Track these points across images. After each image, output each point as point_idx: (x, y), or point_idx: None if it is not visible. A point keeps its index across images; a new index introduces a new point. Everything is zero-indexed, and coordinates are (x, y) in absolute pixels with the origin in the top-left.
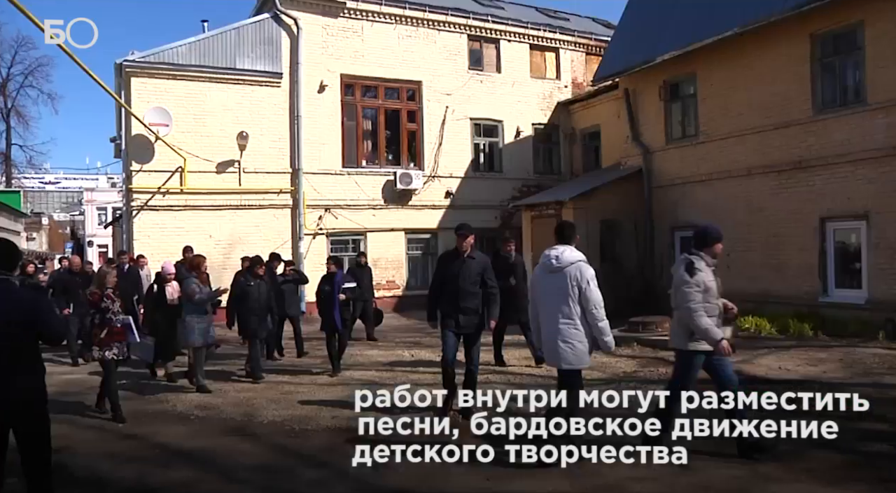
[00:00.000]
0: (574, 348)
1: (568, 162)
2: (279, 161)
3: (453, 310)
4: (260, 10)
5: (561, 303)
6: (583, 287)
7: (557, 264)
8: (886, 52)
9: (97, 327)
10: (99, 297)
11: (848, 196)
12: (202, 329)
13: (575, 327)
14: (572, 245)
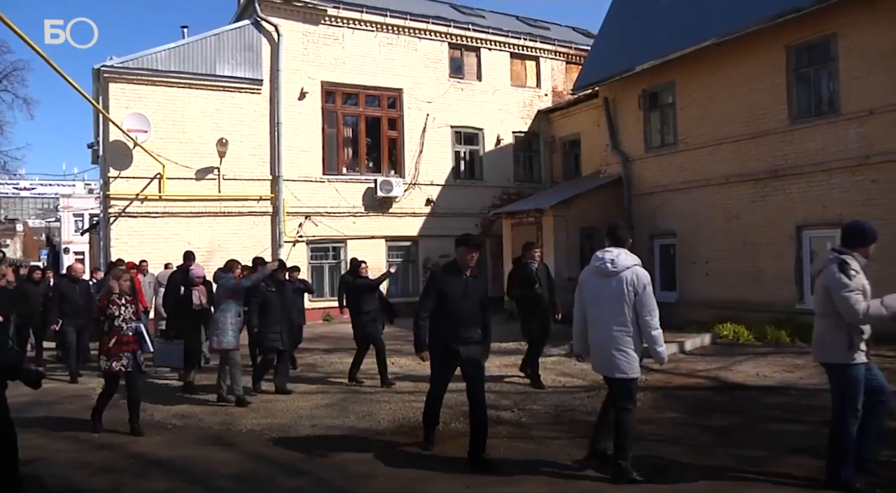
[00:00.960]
0: (628, 357)
1: (548, 170)
2: (259, 168)
3: (453, 339)
4: (240, 16)
5: (616, 309)
6: (639, 292)
7: (613, 267)
8: (859, 64)
9: (105, 336)
10: (106, 302)
11: (823, 204)
12: (237, 330)
13: (629, 335)
14: (626, 248)
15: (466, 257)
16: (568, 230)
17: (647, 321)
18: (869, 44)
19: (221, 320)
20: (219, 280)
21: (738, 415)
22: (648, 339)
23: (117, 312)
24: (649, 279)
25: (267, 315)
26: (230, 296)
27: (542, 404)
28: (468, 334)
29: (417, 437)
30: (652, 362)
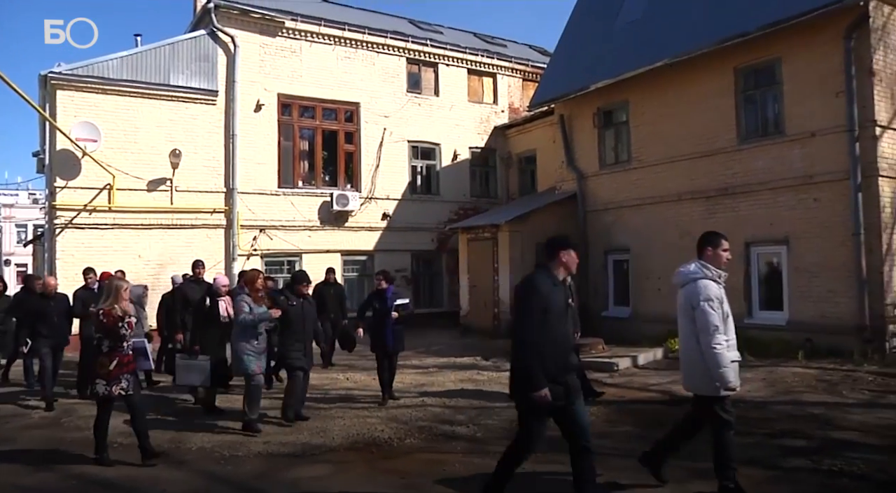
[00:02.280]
0: (701, 373)
1: (504, 186)
2: (213, 180)
3: (562, 370)
4: (196, 26)
5: (686, 323)
6: (695, 306)
7: (676, 280)
8: (801, 87)
9: (104, 357)
10: (115, 318)
11: (770, 222)
12: (258, 353)
13: (697, 349)
14: (705, 258)
15: (574, 262)
16: (523, 246)
17: (700, 338)
18: (810, 69)
19: (238, 347)
20: (235, 295)
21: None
22: (707, 359)
23: (127, 333)
24: (708, 294)
25: (288, 332)
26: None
27: (497, 419)
28: (572, 361)
29: (372, 453)
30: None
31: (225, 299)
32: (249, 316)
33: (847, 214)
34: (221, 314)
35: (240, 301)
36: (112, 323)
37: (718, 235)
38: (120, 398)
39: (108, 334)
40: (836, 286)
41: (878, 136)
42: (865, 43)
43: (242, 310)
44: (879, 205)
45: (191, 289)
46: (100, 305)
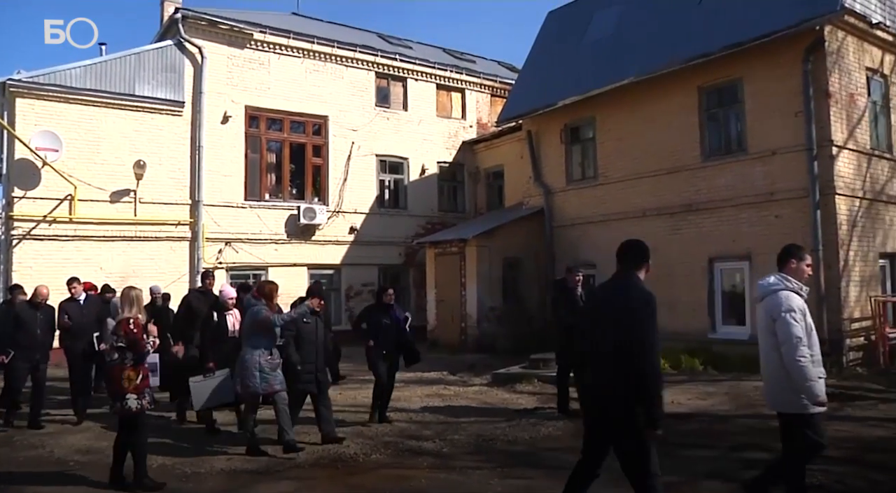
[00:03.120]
0: (786, 389)
1: (472, 200)
2: (178, 192)
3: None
4: (163, 36)
5: (767, 337)
6: (776, 318)
7: (757, 293)
8: (762, 107)
9: (130, 370)
10: (141, 329)
11: (733, 238)
12: (271, 370)
13: (781, 364)
14: (786, 271)
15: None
16: (491, 260)
17: (782, 351)
18: (770, 89)
19: (248, 359)
20: (249, 306)
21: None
22: (791, 372)
23: (151, 347)
24: (791, 305)
25: (299, 352)
26: (260, 330)
27: (463, 434)
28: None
29: (337, 469)
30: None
31: (232, 312)
32: (287, 315)
33: (806, 231)
34: (230, 329)
35: (263, 310)
36: (140, 334)
37: (802, 248)
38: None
39: (133, 346)
40: None
41: (834, 155)
42: (822, 66)
43: (269, 315)
44: (836, 222)
45: (197, 300)
46: (122, 315)
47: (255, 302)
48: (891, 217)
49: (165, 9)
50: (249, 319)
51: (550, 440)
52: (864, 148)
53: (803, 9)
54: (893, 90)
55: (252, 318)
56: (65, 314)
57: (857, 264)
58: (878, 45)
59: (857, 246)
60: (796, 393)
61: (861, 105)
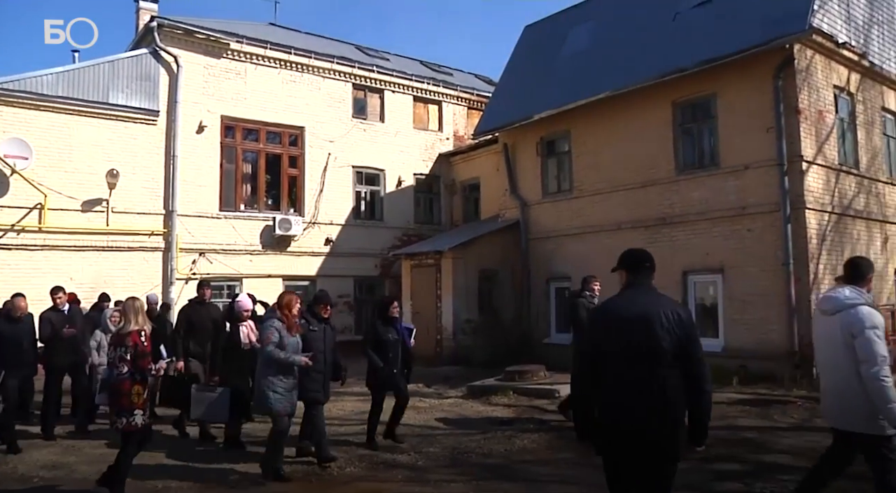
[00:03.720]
0: (861, 408)
1: (448, 212)
2: (152, 202)
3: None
4: (138, 44)
5: (843, 353)
6: (856, 335)
7: (828, 306)
8: (735, 122)
9: (138, 385)
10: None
11: (706, 251)
12: (288, 390)
13: (858, 382)
14: (861, 285)
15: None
16: (467, 273)
17: (863, 373)
18: (743, 105)
19: (262, 383)
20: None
21: None
22: (871, 393)
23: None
24: (873, 322)
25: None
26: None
27: (438, 447)
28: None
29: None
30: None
31: (247, 324)
32: (281, 354)
33: (778, 245)
34: (243, 341)
35: (268, 328)
36: (150, 347)
37: (870, 261)
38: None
39: (141, 359)
40: (768, 314)
41: (804, 170)
42: (792, 83)
43: (271, 340)
44: (807, 236)
45: (195, 312)
46: (128, 328)
47: (269, 315)
48: (857, 231)
49: (141, 17)
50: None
51: (525, 453)
52: (832, 164)
53: (774, 27)
54: (859, 108)
55: (262, 346)
56: (48, 325)
57: (827, 277)
58: (844, 64)
59: (826, 260)
60: (873, 414)
61: (829, 122)
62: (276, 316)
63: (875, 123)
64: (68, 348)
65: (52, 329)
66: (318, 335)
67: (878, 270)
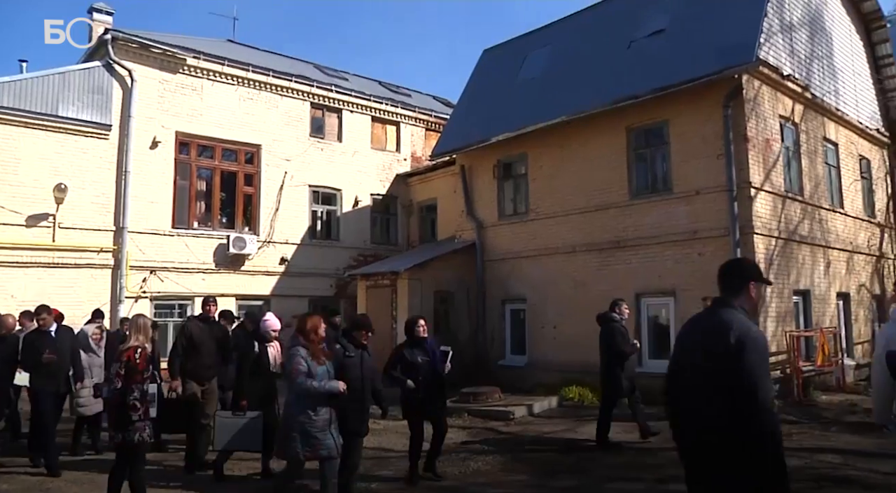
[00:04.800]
0: None
1: (405, 233)
2: (101, 218)
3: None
4: (90, 57)
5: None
6: None
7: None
8: (686, 149)
9: (137, 401)
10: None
11: (659, 274)
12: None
13: None
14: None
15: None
16: (422, 293)
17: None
18: (694, 132)
19: (287, 419)
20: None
21: (583, 475)
22: None
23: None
24: None
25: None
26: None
27: (392, 469)
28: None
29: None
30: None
31: (274, 344)
32: (314, 384)
33: None
34: (272, 363)
35: (294, 357)
36: (143, 365)
37: None
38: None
39: (131, 376)
40: None
41: (752, 196)
42: (740, 112)
43: (299, 371)
44: (755, 260)
45: (199, 330)
46: (129, 343)
47: (293, 342)
48: (803, 256)
49: (94, 29)
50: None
51: (479, 475)
52: (778, 190)
53: (724, 58)
54: (803, 137)
55: (286, 366)
56: (31, 348)
57: (774, 300)
58: (789, 95)
59: (773, 283)
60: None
61: (776, 150)
62: (299, 343)
63: (818, 152)
64: (52, 373)
65: (35, 353)
66: (355, 362)
67: (820, 293)
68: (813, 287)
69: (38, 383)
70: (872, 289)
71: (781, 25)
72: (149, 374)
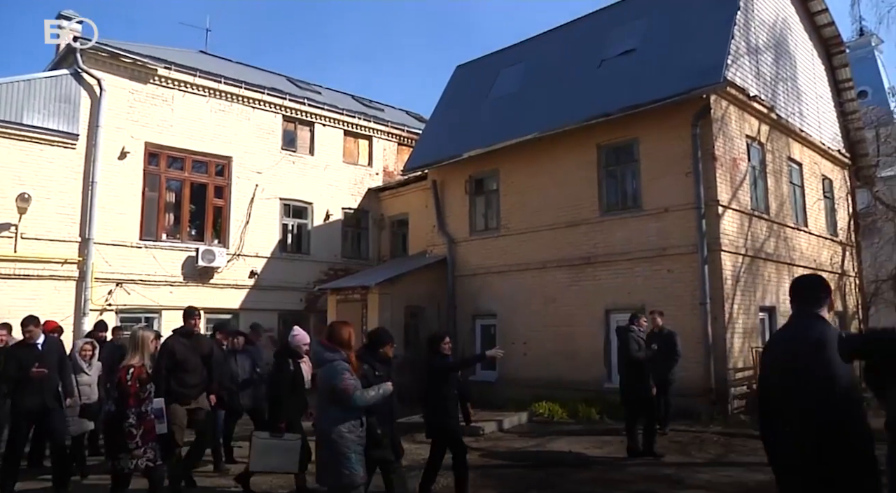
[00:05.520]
0: None
1: (376, 247)
2: (67, 229)
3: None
4: (58, 64)
5: None
6: None
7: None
8: (655, 166)
9: (132, 427)
10: (146, 379)
11: (628, 291)
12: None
13: None
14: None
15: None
16: (393, 308)
17: None
18: (662, 150)
19: (340, 440)
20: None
21: (552, 490)
22: None
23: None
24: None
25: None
26: (336, 400)
27: None
28: None
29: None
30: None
31: (306, 360)
32: (371, 393)
33: (696, 285)
34: (306, 380)
35: (344, 373)
36: (135, 388)
37: None
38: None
39: (132, 398)
40: (686, 352)
41: (720, 214)
42: (708, 131)
43: (353, 386)
44: (722, 277)
45: (182, 346)
46: (126, 361)
47: (327, 354)
48: (768, 273)
49: (62, 37)
50: (326, 381)
51: (448, 491)
52: (745, 208)
53: (692, 78)
54: (769, 157)
55: (329, 382)
56: (15, 362)
57: (741, 316)
58: (755, 115)
59: (740, 300)
60: None
61: (743, 169)
62: (341, 356)
63: (783, 171)
64: (36, 389)
65: (19, 368)
66: (385, 381)
67: (786, 310)
68: (778, 304)
69: (19, 400)
70: (836, 306)
71: (748, 48)
72: (146, 394)
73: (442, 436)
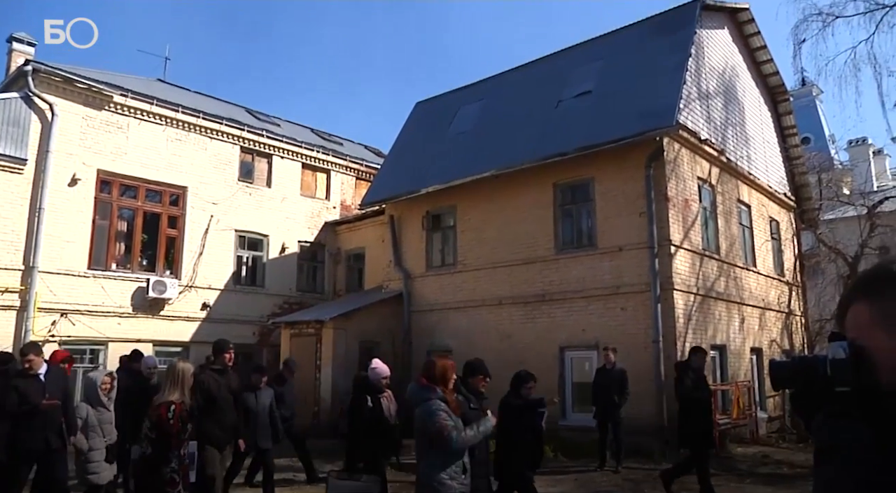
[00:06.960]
0: None
1: (331, 281)
2: (10, 256)
3: None
4: (8, 87)
5: None
6: None
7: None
8: (610, 206)
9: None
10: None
11: (583, 328)
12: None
13: None
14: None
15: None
16: (347, 343)
17: None
18: (617, 190)
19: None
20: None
21: None
22: None
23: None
24: None
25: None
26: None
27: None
28: None
29: None
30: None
31: (387, 395)
32: (471, 433)
33: (648, 323)
34: (386, 415)
35: (439, 413)
36: (177, 427)
37: None
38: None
39: (173, 440)
40: (640, 390)
41: (672, 254)
42: (662, 172)
43: (450, 426)
44: (675, 315)
45: (214, 381)
46: (163, 397)
47: (421, 392)
48: (719, 312)
49: (13, 59)
50: (420, 422)
51: None
52: (697, 248)
53: (646, 121)
54: (719, 198)
55: (423, 423)
56: (15, 395)
57: None
58: (707, 158)
59: (692, 338)
60: None
61: (694, 210)
62: (436, 395)
63: (733, 213)
64: (39, 426)
65: (20, 402)
66: (476, 417)
67: (736, 348)
68: (729, 342)
69: (18, 438)
70: (783, 344)
71: (699, 93)
72: (186, 435)
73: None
